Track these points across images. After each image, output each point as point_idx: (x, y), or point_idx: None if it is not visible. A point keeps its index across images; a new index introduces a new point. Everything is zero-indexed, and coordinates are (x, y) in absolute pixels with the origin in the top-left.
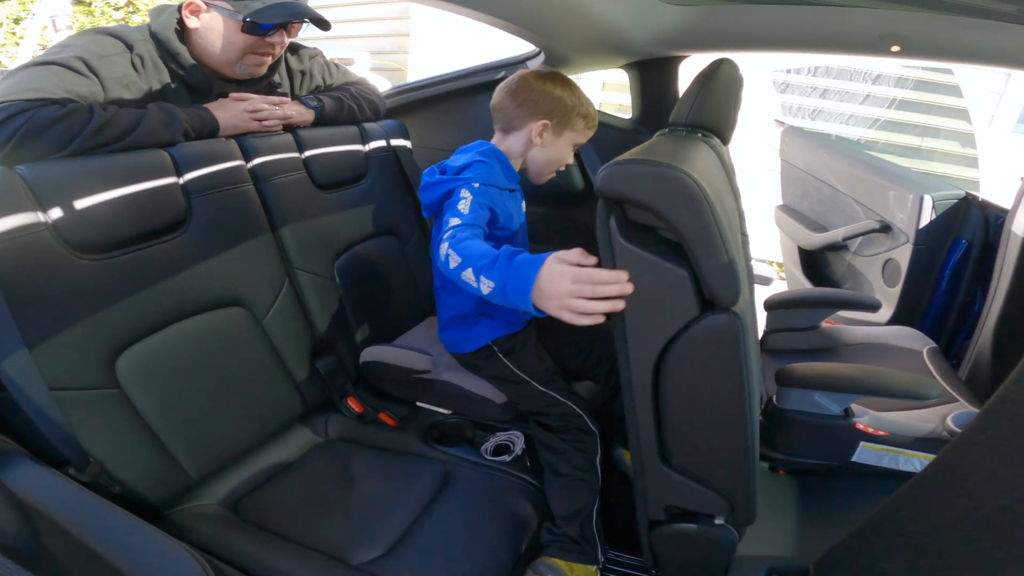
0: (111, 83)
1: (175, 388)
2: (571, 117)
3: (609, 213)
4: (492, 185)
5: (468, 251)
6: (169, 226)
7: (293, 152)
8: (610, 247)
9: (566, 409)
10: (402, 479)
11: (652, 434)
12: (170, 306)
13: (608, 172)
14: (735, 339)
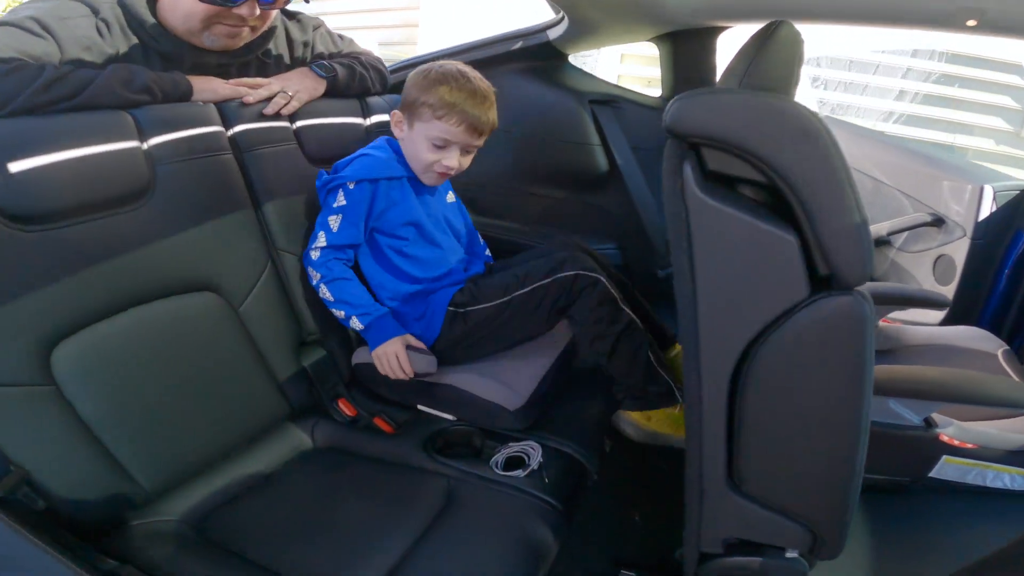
0: (69, 44)
1: (127, 386)
2: (416, 107)
3: (682, 159)
4: (377, 178)
5: (345, 296)
6: (128, 195)
7: (283, 122)
8: (683, 203)
9: (559, 282)
10: (398, 496)
11: (721, 454)
12: (125, 288)
13: (684, 104)
14: (860, 329)
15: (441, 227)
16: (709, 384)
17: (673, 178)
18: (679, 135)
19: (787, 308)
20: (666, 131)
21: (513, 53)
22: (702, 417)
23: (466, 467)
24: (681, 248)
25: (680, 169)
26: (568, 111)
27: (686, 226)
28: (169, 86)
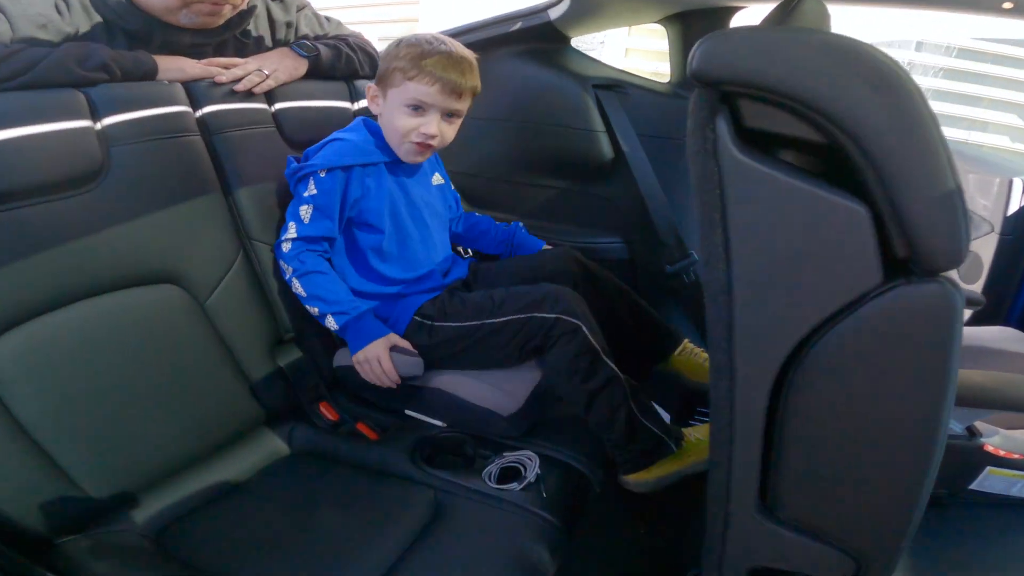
0: (21, 22)
1: (74, 387)
2: (388, 75)
3: (713, 113)
4: (350, 164)
5: (318, 291)
6: (78, 177)
7: (260, 103)
8: (715, 166)
9: (536, 321)
10: (381, 508)
11: (755, 476)
12: (74, 278)
13: (716, 44)
14: (949, 325)
15: (422, 218)
16: (745, 394)
17: (701, 136)
18: (709, 82)
19: (853, 298)
20: (692, 78)
21: (511, 35)
22: (733, 434)
23: (456, 478)
24: (712, 224)
25: (711, 124)
26: (570, 96)
27: (719, 197)
28: (130, 64)
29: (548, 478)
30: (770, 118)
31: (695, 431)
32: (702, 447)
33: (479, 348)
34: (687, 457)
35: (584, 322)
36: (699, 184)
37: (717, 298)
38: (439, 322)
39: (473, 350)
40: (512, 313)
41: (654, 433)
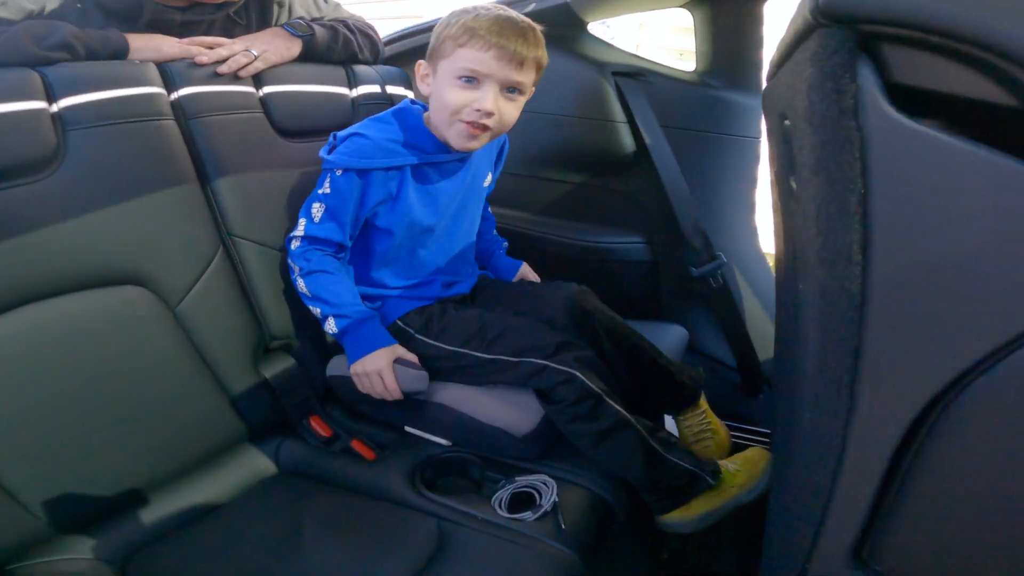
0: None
1: (22, 400)
2: (438, 45)
3: (854, 57)
4: (368, 168)
5: (321, 291)
6: (27, 164)
7: (246, 86)
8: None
9: (527, 365)
10: (377, 539)
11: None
12: (23, 278)
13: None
14: None
15: (450, 227)
16: (866, 436)
17: (833, 89)
18: (845, 19)
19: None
20: (818, 15)
21: None
22: (837, 482)
23: (462, 505)
24: (843, 210)
25: (848, 73)
26: (588, 84)
27: (861, 173)
28: (97, 43)
29: (566, 507)
30: (932, 72)
31: (730, 461)
32: (741, 477)
33: (463, 373)
34: (728, 490)
35: (579, 369)
36: (824, 154)
37: (841, 314)
38: (420, 335)
39: (456, 373)
40: (502, 353)
41: (685, 468)
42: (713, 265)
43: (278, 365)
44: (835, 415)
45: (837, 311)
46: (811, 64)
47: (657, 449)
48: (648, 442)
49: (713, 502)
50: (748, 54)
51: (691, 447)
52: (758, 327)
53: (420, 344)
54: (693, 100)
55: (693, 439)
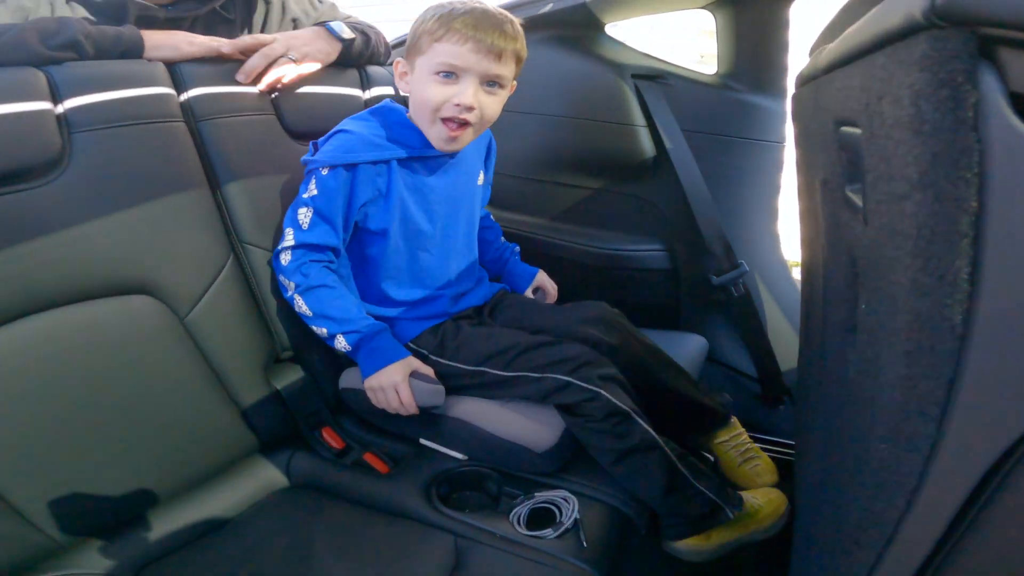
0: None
1: (26, 414)
2: (415, 41)
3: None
4: (353, 163)
5: (325, 308)
6: (30, 168)
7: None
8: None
9: (549, 381)
10: (391, 556)
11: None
12: (28, 288)
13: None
14: None
15: (446, 226)
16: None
17: (949, 96)
18: (966, 20)
19: None
20: (935, 14)
21: (540, 18)
22: (913, 505)
23: (479, 521)
24: (950, 232)
25: (969, 80)
26: (607, 86)
27: (977, 191)
28: (109, 41)
29: (588, 523)
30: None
31: (756, 495)
32: (763, 513)
33: (484, 390)
34: (749, 524)
35: (603, 386)
36: (934, 168)
37: (936, 345)
38: (435, 356)
39: (476, 390)
40: (523, 370)
41: (708, 498)
42: (734, 273)
43: (289, 376)
44: (917, 449)
45: (933, 341)
46: (920, 69)
47: (684, 474)
48: (675, 466)
49: (733, 534)
50: (773, 57)
51: (739, 468)
52: (780, 337)
53: (435, 365)
54: (715, 103)
55: (740, 459)
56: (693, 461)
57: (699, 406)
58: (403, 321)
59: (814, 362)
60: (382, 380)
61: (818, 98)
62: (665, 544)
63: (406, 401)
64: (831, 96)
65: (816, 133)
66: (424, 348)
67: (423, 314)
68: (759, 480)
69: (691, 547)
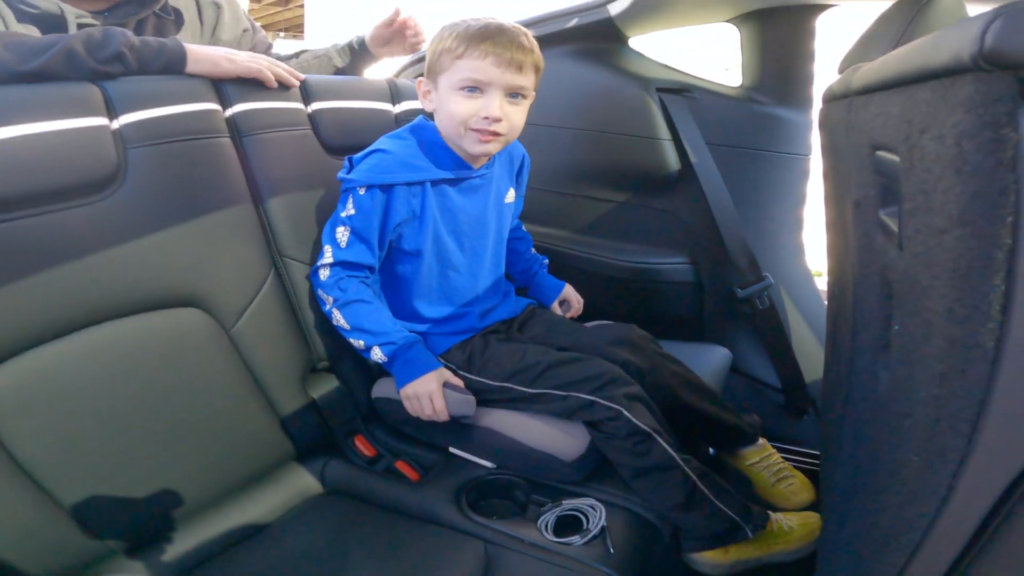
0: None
1: (81, 423)
2: (435, 60)
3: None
4: (391, 183)
5: (362, 322)
6: (89, 184)
7: (295, 102)
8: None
9: (574, 400)
10: (421, 560)
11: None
12: (83, 302)
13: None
14: None
15: (475, 246)
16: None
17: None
18: (1014, 64)
19: None
20: (983, 58)
21: (566, 32)
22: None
23: (507, 528)
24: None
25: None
26: (631, 100)
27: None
28: (152, 53)
29: (615, 531)
30: None
31: (786, 517)
32: (793, 536)
33: (511, 405)
34: (773, 544)
35: (626, 406)
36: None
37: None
38: (463, 371)
39: (503, 404)
40: (548, 387)
41: (727, 515)
42: (759, 286)
43: (324, 386)
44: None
45: (966, 364)
46: (966, 110)
47: (704, 492)
48: (695, 484)
49: (753, 552)
50: (799, 69)
51: (774, 488)
52: (805, 348)
53: (465, 380)
54: (740, 116)
55: (774, 479)
56: (715, 479)
57: (724, 426)
58: (432, 336)
59: (842, 376)
60: (417, 389)
61: (851, 118)
62: (684, 555)
63: (439, 409)
64: (866, 119)
65: (848, 152)
66: (453, 363)
67: (451, 330)
68: (795, 499)
69: (708, 560)
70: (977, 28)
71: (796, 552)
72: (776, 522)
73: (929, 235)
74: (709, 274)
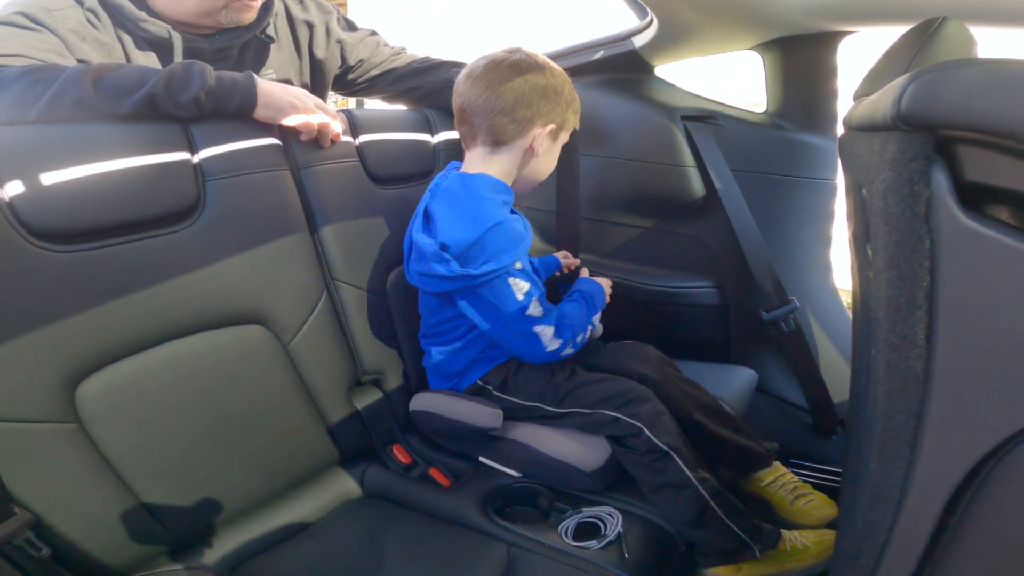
0: (69, 36)
1: (159, 425)
2: (567, 113)
3: (929, 164)
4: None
5: (580, 324)
6: (173, 214)
7: (345, 135)
8: (925, 233)
9: (599, 416)
10: (450, 559)
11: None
12: (165, 319)
13: (940, 81)
14: None
15: None
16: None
17: (908, 193)
18: (926, 124)
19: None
20: (900, 121)
21: (591, 64)
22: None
23: (530, 532)
24: (911, 303)
25: (923, 178)
26: (656, 128)
27: (929, 271)
28: (224, 95)
29: (631, 537)
30: (1002, 170)
31: (802, 535)
32: (808, 554)
33: (542, 421)
34: (786, 561)
35: (647, 423)
36: (897, 253)
37: (905, 387)
38: (498, 392)
39: (533, 420)
40: (575, 406)
41: (736, 534)
42: (785, 310)
43: (368, 398)
44: (897, 468)
45: (901, 384)
46: (889, 168)
47: (716, 511)
48: (707, 503)
49: (765, 569)
50: (822, 94)
51: (793, 506)
52: (832, 367)
53: (498, 400)
54: (765, 142)
55: (792, 497)
56: (729, 499)
57: (737, 448)
58: (477, 363)
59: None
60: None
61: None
62: (698, 569)
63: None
64: (854, 156)
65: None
66: (490, 384)
67: (492, 356)
68: (817, 515)
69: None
70: (896, 91)
71: (810, 569)
72: (790, 540)
73: (878, 273)
74: (735, 298)
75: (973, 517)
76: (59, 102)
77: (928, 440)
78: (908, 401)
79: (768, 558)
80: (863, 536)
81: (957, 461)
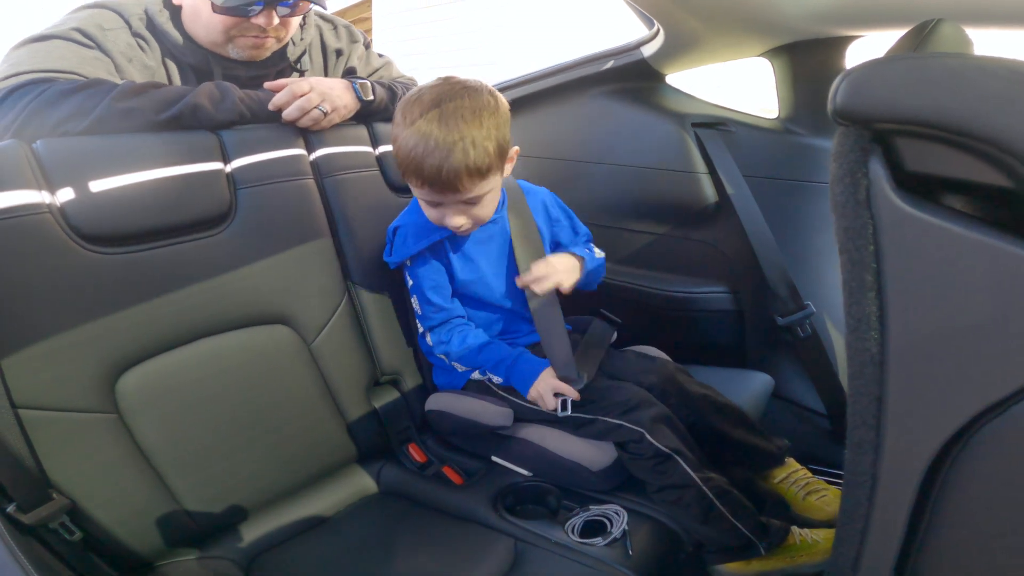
0: (119, 58)
1: (190, 418)
2: None
3: (865, 155)
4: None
5: (476, 361)
6: (208, 220)
7: (366, 146)
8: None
9: (601, 423)
10: (460, 553)
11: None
12: (198, 318)
13: (869, 75)
14: None
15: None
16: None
17: (850, 183)
18: (860, 119)
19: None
20: (836, 116)
21: (603, 74)
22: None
23: (538, 529)
24: (861, 286)
25: (862, 168)
26: (668, 136)
27: (874, 254)
28: (257, 104)
29: (635, 535)
30: (937, 160)
31: (813, 532)
32: (816, 549)
33: (543, 423)
34: (797, 556)
35: (649, 428)
36: (846, 239)
37: (864, 370)
38: (507, 394)
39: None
40: (577, 412)
41: (742, 532)
42: (800, 315)
43: (385, 397)
44: (865, 452)
45: (860, 367)
46: (834, 160)
47: (720, 509)
48: (712, 502)
49: (775, 564)
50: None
51: (805, 501)
52: None
53: (503, 398)
54: (777, 148)
55: (804, 492)
56: (736, 497)
57: (750, 448)
58: None
59: None
60: (539, 389)
61: None
62: (707, 566)
63: (565, 391)
64: None
65: None
66: (493, 380)
67: None
68: (828, 510)
69: (730, 572)
70: (832, 88)
71: (819, 564)
72: (800, 536)
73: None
74: (749, 303)
75: (947, 503)
76: (110, 113)
77: (891, 423)
78: (868, 383)
79: (778, 553)
80: (843, 523)
81: (922, 444)
